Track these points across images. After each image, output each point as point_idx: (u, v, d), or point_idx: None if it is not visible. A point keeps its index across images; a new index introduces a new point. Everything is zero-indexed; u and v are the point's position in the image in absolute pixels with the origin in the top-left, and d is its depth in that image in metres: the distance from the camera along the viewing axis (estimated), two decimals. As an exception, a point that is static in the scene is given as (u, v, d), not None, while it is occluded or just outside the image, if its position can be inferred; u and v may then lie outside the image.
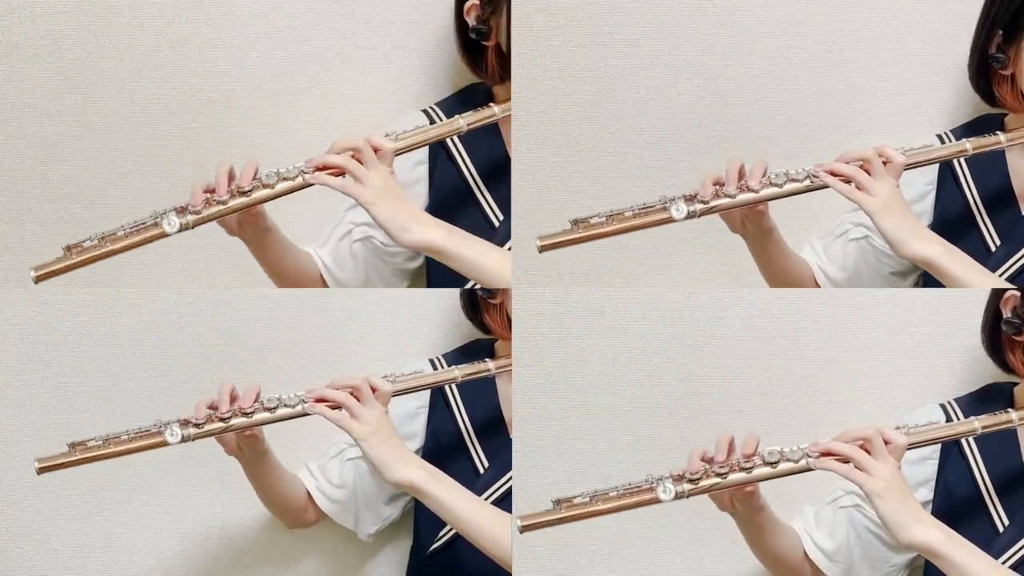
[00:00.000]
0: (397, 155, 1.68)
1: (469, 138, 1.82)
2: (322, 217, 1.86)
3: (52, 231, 1.95)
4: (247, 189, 1.64)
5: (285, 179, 1.65)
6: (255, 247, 1.75)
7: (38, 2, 1.91)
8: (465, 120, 1.75)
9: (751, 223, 1.70)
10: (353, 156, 1.65)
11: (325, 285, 1.85)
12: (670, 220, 1.66)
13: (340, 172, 1.65)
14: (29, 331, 1.93)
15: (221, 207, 1.64)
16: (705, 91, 1.94)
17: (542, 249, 1.65)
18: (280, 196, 1.66)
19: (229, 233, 1.71)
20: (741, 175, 1.65)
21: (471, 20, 1.78)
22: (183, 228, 1.64)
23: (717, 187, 1.65)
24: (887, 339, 1.90)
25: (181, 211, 1.64)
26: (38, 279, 1.63)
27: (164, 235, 1.64)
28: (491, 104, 1.79)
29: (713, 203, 1.65)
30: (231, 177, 1.65)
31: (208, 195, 1.64)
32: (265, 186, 1.65)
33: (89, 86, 1.92)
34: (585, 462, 1.92)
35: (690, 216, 1.65)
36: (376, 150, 1.65)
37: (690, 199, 1.65)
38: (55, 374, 1.94)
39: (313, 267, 1.84)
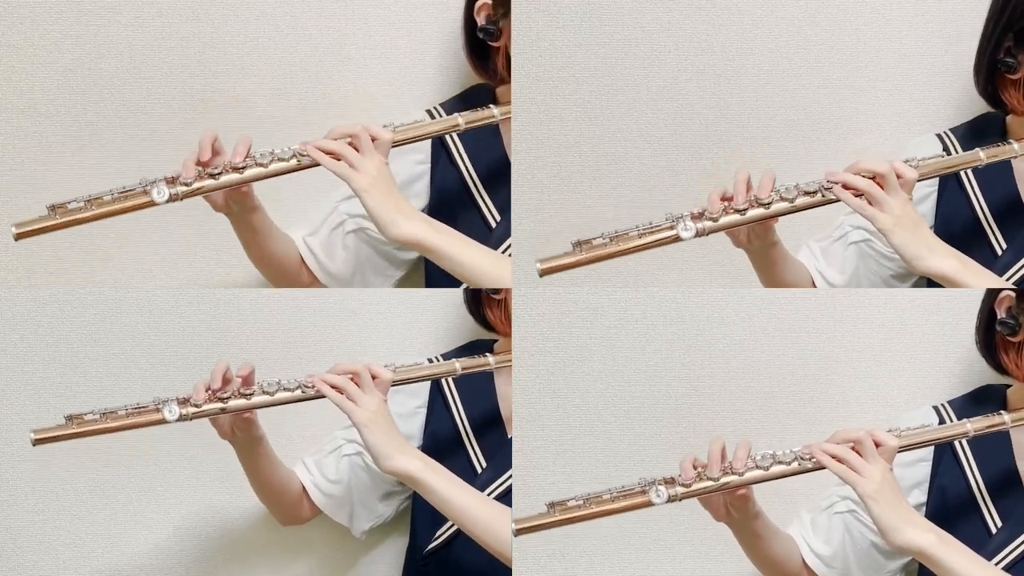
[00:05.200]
0: (394, 147, 1.68)
1: (470, 140, 1.82)
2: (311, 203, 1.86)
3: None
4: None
5: (280, 159, 1.65)
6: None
7: (38, 2, 1.91)
8: (463, 119, 1.74)
9: (757, 237, 1.66)
10: (350, 143, 1.65)
11: (313, 278, 1.84)
12: (677, 239, 1.59)
13: (337, 157, 1.65)
14: (29, 331, 1.93)
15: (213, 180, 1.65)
16: (705, 91, 1.93)
17: (543, 273, 1.59)
18: (274, 176, 1.66)
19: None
20: (749, 188, 1.61)
21: (480, 20, 1.77)
22: (172, 198, 1.64)
23: (725, 202, 1.60)
24: (885, 339, 1.90)
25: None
26: (19, 236, 1.61)
27: (153, 204, 1.63)
28: (491, 105, 1.78)
29: (723, 220, 1.60)
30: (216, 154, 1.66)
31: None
32: (259, 164, 1.65)
33: (89, 86, 1.92)
34: (585, 461, 1.92)
35: (698, 235, 1.59)
36: (374, 139, 1.65)
37: (697, 217, 1.60)
38: (55, 374, 1.94)
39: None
